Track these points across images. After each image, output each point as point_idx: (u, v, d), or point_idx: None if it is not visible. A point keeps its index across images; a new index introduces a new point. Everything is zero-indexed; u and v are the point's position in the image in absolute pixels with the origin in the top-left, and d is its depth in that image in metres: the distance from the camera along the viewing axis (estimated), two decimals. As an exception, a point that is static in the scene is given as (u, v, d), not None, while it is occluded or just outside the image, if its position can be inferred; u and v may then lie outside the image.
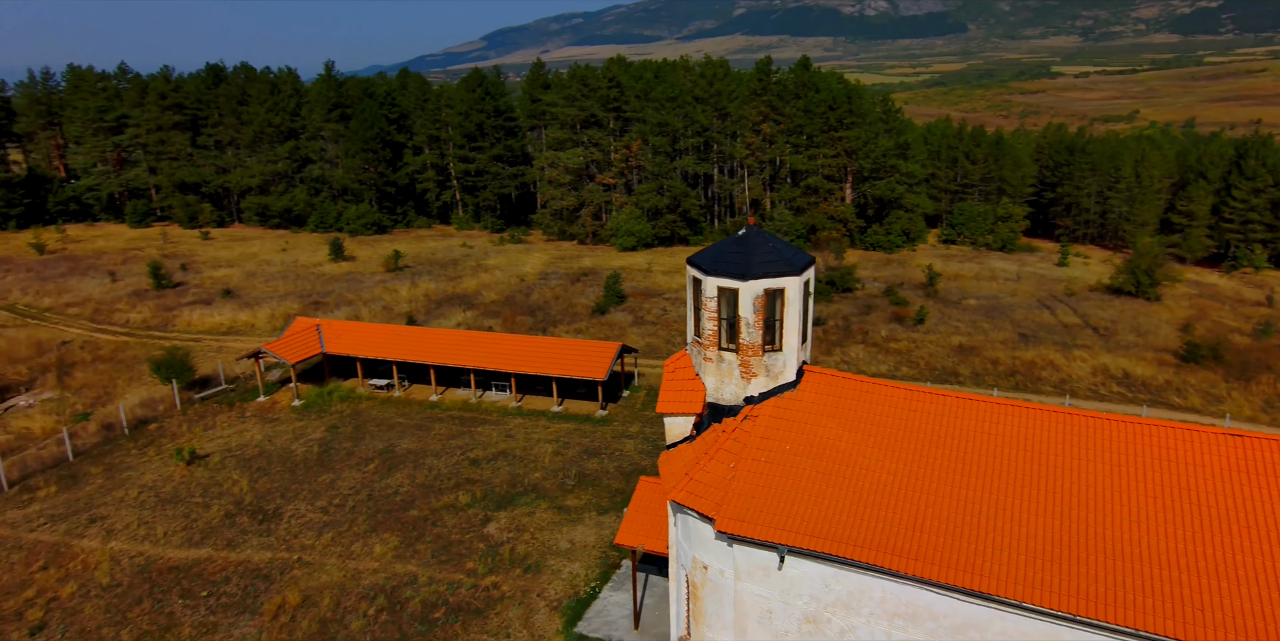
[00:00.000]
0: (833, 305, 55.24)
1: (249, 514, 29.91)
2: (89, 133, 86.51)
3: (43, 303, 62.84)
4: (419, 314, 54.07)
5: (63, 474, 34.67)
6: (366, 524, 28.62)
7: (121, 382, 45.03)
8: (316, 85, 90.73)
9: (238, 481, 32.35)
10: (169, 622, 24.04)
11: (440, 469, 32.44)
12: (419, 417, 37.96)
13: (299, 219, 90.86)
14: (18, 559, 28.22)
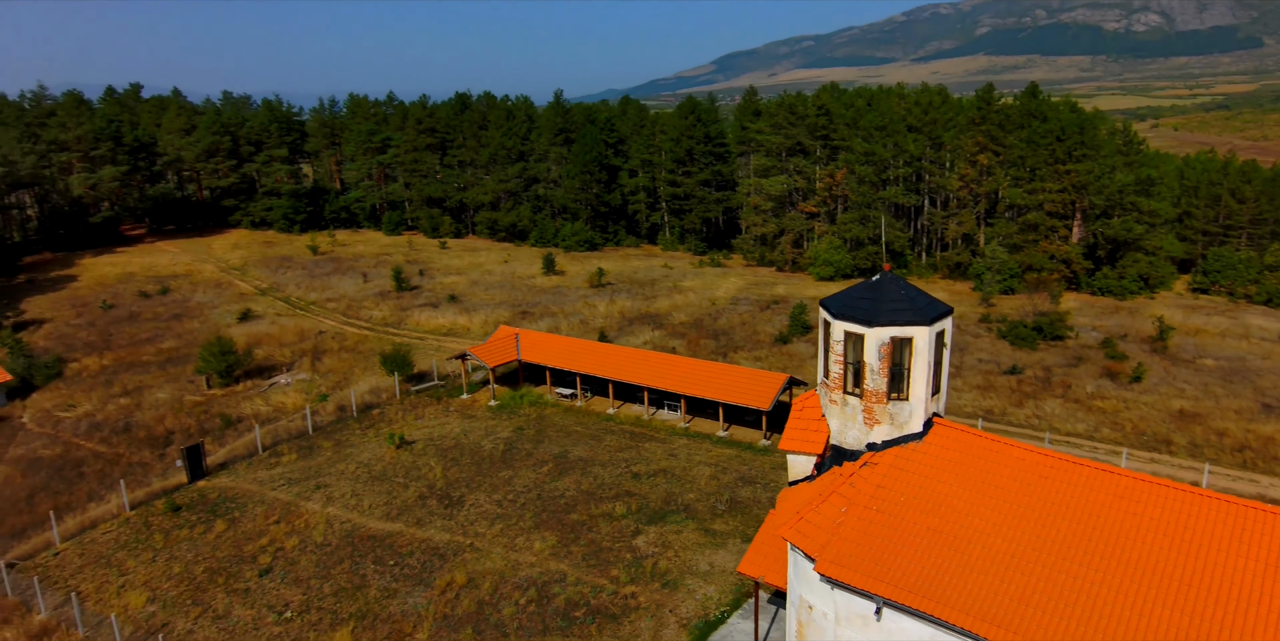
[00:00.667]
0: (1036, 354, 51.43)
1: (438, 498, 33.78)
2: (360, 152, 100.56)
3: (309, 297, 73.87)
4: (611, 330, 57.37)
5: (302, 444, 41.04)
6: (532, 521, 31.33)
7: (358, 371, 52.15)
8: (546, 111, 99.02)
9: (433, 468, 36.56)
10: (360, 583, 27.95)
11: (604, 478, 34.62)
12: (595, 428, 40.60)
13: (522, 233, 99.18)
14: (260, 512, 33.99)
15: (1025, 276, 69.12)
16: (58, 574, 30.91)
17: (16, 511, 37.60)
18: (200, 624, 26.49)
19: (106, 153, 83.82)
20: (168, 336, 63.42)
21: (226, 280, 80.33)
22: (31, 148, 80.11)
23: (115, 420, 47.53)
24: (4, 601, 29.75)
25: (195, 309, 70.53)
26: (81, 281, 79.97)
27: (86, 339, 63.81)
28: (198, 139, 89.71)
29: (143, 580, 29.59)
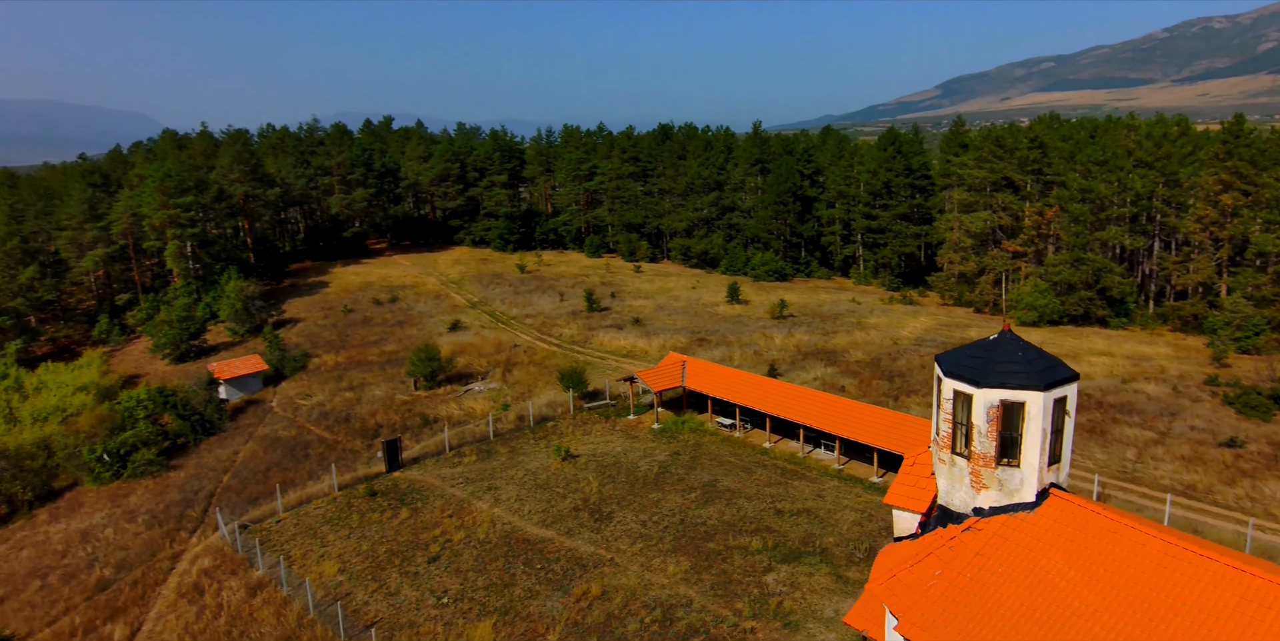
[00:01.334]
0: (1267, 426, 44.97)
1: (590, 511, 36.01)
2: (569, 178, 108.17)
3: (511, 312, 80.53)
4: (783, 363, 57.51)
5: (483, 448, 45.24)
6: (671, 544, 32.60)
7: (541, 384, 56.36)
8: (744, 142, 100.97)
9: (590, 483, 38.96)
10: (509, 580, 30.62)
11: (748, 511, 35.16)
12: (748, 460, 41.18)
13: (713, 261, 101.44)
14: (438, 505, 38.05)
15: (1272, 335, 60.40)
16: (276, 538, 36.57)
17: (256, 481, 44.81)
18: (374, 597, 30.34)
19: (359, 177, 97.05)
20: (390, 340, 71.93)
21: (444, 293, 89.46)
22: (303, 172, 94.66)
23: (339, 411, 54.92)
24: (235, 556, 35.75)
25: (416, 317, 79.30)
26: (331, 288, 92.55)
27: (328, 338, 73.93)
28: (432, 165, 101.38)
29: (337, 552, 34.29)
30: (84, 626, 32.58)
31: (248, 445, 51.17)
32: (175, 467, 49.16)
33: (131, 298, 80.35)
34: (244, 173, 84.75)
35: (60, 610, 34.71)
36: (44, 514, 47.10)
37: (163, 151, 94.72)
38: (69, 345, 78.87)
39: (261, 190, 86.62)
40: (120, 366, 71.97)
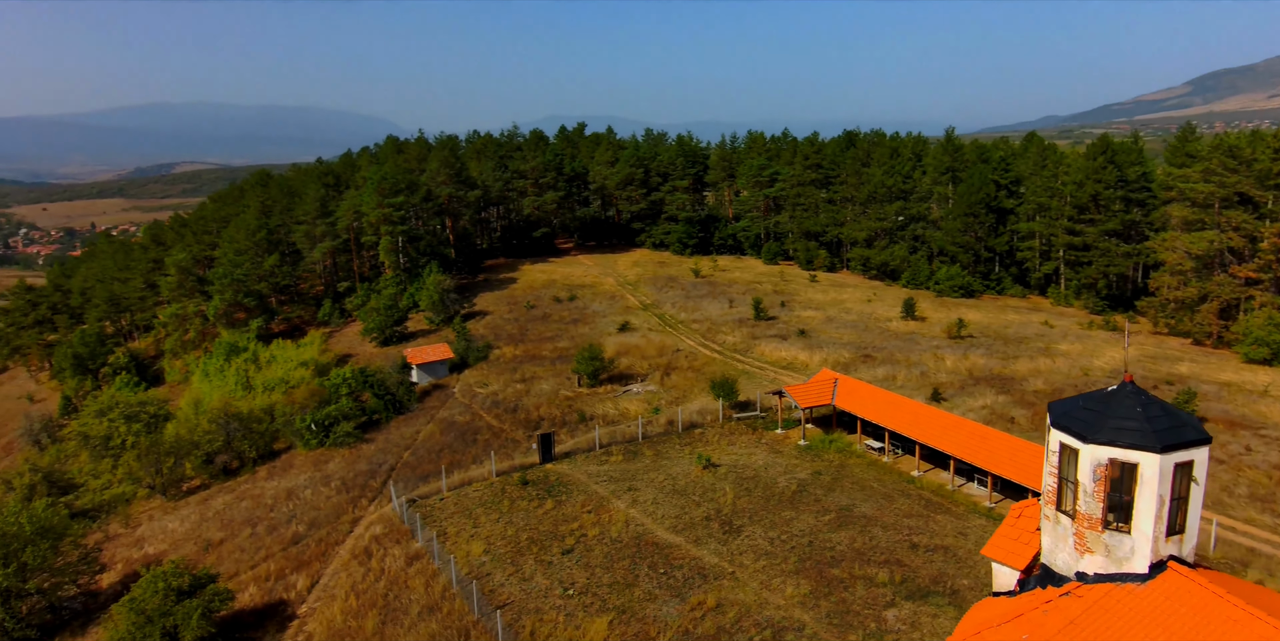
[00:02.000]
0: None
1: (720, 522, 36.51)
2: (750, 184, 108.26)
3: (680, 316, 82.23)
4: (949, 387, 54.56)
5: (630, 449, 46.99)
6: (794, 565, 32.38)
7: (695, 390, 57.39)
8: (935, 149, 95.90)
9: (726, 494, 39.41)
10: (631, 581, 31.88)
11: (880, 541, 34.08)
12: (891, 487, 39.75)
13: (893, 273, 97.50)
14: (580, 500, 40.16)
15: None
16: (437, 515, 40.32)
17: (429, 460, 49.47)
18: (509, 581, 32.76)
19: (551, 180, 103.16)
20: (564, 337, 76.02)
21: (620, 293, 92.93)
22: (500, 175, 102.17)
23: (509, 401, 59.09)
24: (401, 527, 39.86)
25: (590, 316, 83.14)
26: (518, 284, 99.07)
27: (509, 331, 79.41)
28: (618, 170, 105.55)
29: (485, 534, 37.26)
30: (276, 573, 37.81)
31: (428, 426, 56.39)
32: (368, 441, 55.22)
33: (350, 285, 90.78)
34: (449, 175, 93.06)
35: (261, 556, 40.47)
36: (264, 471, 54.82)
37: (384, 155, 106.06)
38: (300, 324, 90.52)
39: (463, 192, 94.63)
40: (336, 346, 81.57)
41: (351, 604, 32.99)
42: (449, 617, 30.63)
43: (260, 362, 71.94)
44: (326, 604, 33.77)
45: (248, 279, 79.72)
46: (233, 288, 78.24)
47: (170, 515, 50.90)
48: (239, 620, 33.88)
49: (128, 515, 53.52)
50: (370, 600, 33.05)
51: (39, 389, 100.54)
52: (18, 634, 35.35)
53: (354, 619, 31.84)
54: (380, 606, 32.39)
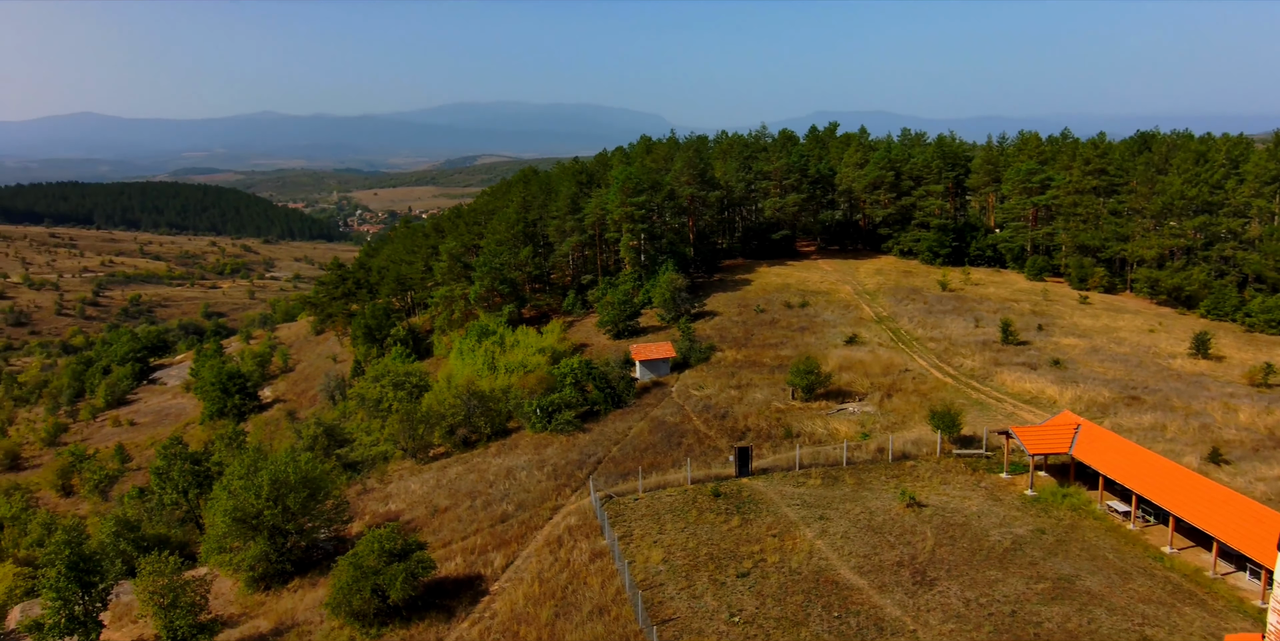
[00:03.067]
0: None
1: (912, 571, 33.58)
2: (1017, 190, 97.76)
3: (916, 332, 76.78)
4: (1235, 448, 45.41)
5: (830, 474, 44.81)
6: (987, 636, 28.84)
7: (914, 418, 53.28)
8: (1259, 154, 79.52)
9: (926, 539, 36.14)
10: (801, 619, 30.39)
11: (1104, 627, 29.25)
12: (1130, 562, 33.95)
13: (1188, 300, 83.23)
14: (767, 522, 39.01)
15: None
16: (628, 515, 41.38)
17: (633, 458, 50.96)
18: (679, 596, 32.73)
19: (794, 182, 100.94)
20: (788, 345, 74.32)
21: (855, 303, 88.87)
22: (744, 176, 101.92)
23: (720, 407, 59.04)
24: (593, 522, 41.47)
25: (819, 325, 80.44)
26: (752, 286, 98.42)
27: (735, 335, 79.24)
28: (867, 173, 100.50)
29: (668, 543, 37.57)
30: (480, 548, 41.17)
31: (640, 423, 58.07)
32: (585, 430, 58.12)
33: (593, 279, 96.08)
34: (693, 175, 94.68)
35: (473, 529, 44.29)
36: (495, 447, 59.91)
37: (636, 155, 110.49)
38: (548, 312, 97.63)
39: (705, 192, 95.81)
40: (574, 336, 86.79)
41: (534, 591, 34.98)
42: (614, 622, 31.33)
43: (505, 346, 78.57)
44: (514, 586, 36.12)
45: (504, 267, 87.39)
46: (491, 275, 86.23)
47: (415, 477, 57.30)
48: (441, 586, 37.37)
49: (384, 472, 61.20)
50: (550, 590, 34.79)
51: (342, 351, 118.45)
52: (277, 566, 41.97)
53: (533, 606, 33.72)
54: (558, 598, 33.98)
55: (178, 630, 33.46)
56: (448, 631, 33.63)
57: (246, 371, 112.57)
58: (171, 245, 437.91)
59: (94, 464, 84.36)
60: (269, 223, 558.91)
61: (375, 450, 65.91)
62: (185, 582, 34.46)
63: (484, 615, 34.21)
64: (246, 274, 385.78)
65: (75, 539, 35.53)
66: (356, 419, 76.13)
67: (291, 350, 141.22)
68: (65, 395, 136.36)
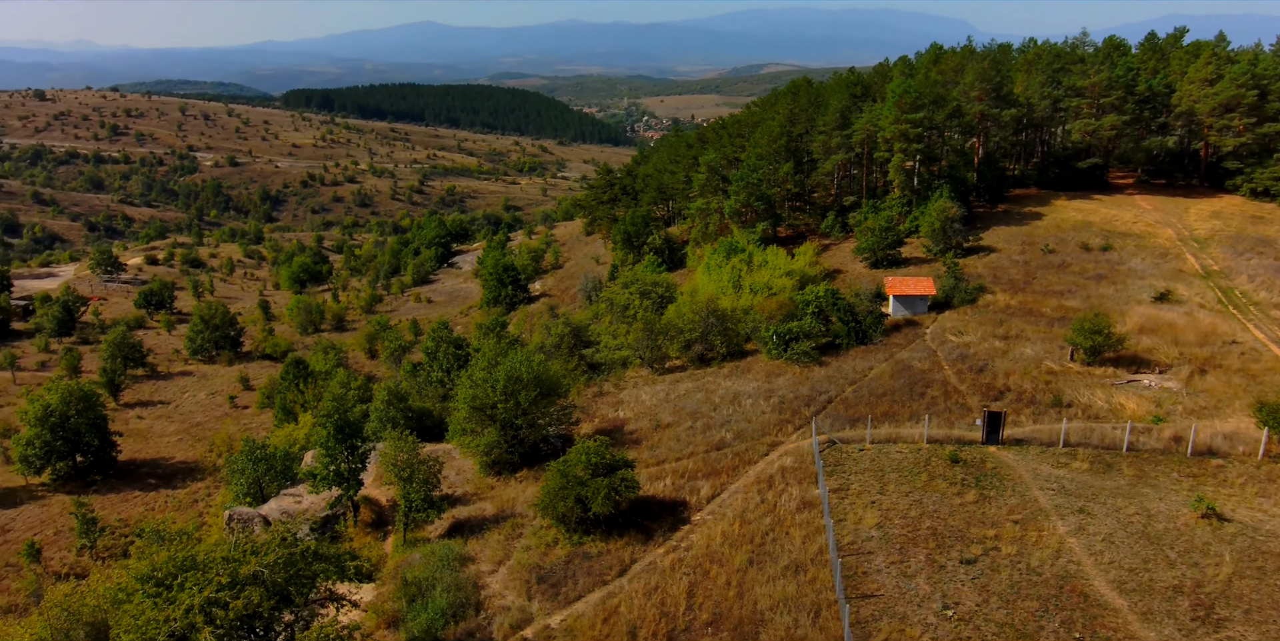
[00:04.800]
0: None
1: (1194, 603, 26.53)
2: None
3: (1257, 295, 61.19)
4: None
5: (1103, 459, 37.03)
6: (1293, 711, 21.81)
7: (1234, 404, 42.36)
8: None
9: (1222, 565, 28.39)
10: (1031, 631, 25.27)
11: None
12: None
13: None
14: (1011, 503, 33.10)
15: None
16: (848, 466, 37.54)
17: (867, 403, 46.25)
18: (887, 571, 28.83)
19: (1114, 101, 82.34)
20: (1077, 295, 62.98)
21: (1176, 251, 72.71)
22: (1049, 92, 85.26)
23: (979, 358, 51.51)
24: (809, 467, 38.16)
25: (1121, 275, 67.11)
26: (1043, 222, 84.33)
27: (1011, 276, 68.75)
28: (1218, 91, 78.92)
29: (887, 506, 33.38)
30: (690, 473, 39.84)
31: (882, 365, 52.68)
32: (821, 364, 54.02)
33: (856, 201, 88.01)
34: (985, 90, 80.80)
35: (687, 451, 43.05)
36: (728, 368, 57.99)
37: (921, 65, 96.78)
38: (804, 232, 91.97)
39: (998, 110, 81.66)
40: (828, 260, 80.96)
41: (734, 531, 32.96)
42: (808, 585, 28.44)
43: (753, 265, 75.15)
44: (715, 521, 34.38)
45: (762, 183, 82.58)
46: (747, 190, 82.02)
47: (647, 387, 57.44)
48: (646, 505, 36.71)
49: (621, 377, 62.22)
50: (750, 534, 32.55)
51: (605, 254, 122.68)
52: (507, 457, 44.12)
53: (729, 547, 31.78)
54: (755, 544, 31.68)
55: (412, 502, 36.23)
56: (643, 552, 32.96)
57: (521, 265, 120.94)
58: (482, 143, 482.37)
59: (393, 334, 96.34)
60: (565, 125, 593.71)
61: (617, 355, 67.08)
62: (422, 460, 36.97)
63: (679, 545, 32.99)
64: (541, 172, 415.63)
65: (342, 406, 39.55)
66: (605, 322, 78.20)
67: (564, 248, 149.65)
68: (384, 270, 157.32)
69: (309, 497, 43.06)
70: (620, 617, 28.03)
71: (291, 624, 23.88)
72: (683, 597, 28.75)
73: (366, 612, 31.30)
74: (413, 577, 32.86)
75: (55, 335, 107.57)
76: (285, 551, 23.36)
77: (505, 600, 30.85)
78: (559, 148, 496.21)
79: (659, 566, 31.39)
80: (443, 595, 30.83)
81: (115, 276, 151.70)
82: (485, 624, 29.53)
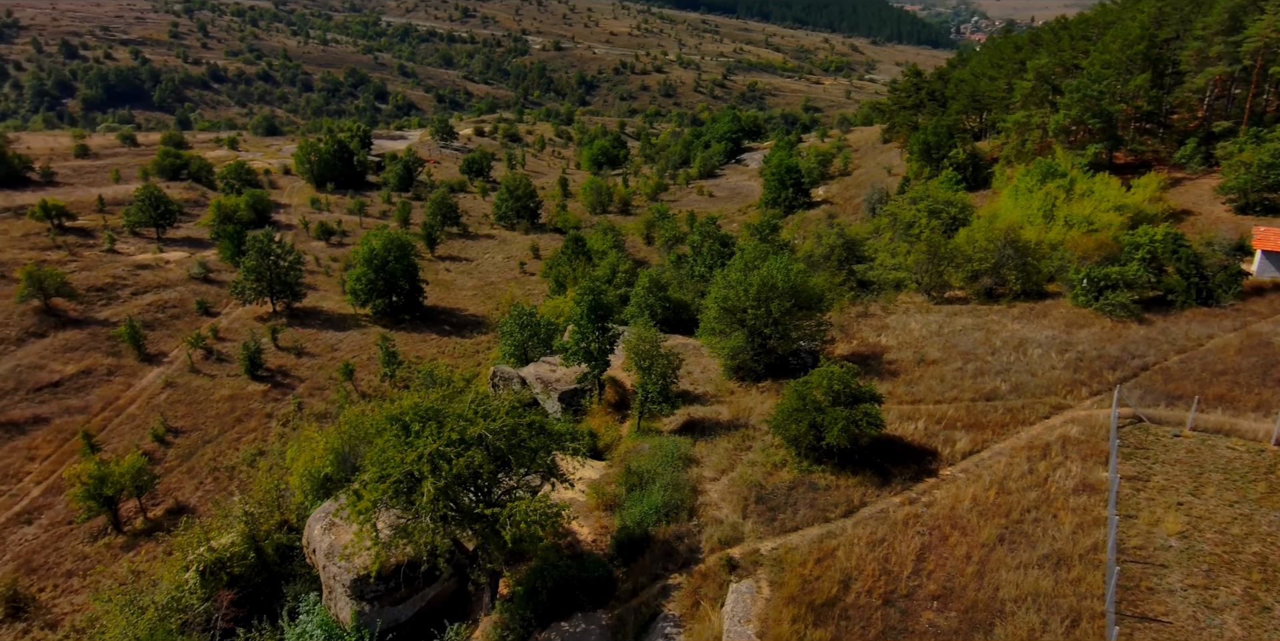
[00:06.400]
0: None
1: None
2: None
3: None
4: None
5: None
6: None
7: None
8: None
9: None
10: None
11: None
12: None
13: None
14: None
15: None
16: (1153, 453, 30.24)
17: (1195, 379, 36.81)
18: (1184, 595, 22.60)
19: None
20: None
21: None
22: None
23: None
24: (1100, 444, 31.17)
25: None
26: None
27: None
28: None
29: (1198, 513, 26.25)
30: (947, 420, 34.59)
31: (1229, 336, 41.67)
32: (1143, 322, 44.27)
33: (1232, 127, 68.58)
34: None
35: (949, 396, 37.44)
36: (1018, 310, 49.75)
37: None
38: (1147, 161, 74.72)
39: None
40: (1175, 198, 65.31)
41: (987, 498, 28.04)
42: (1068, 585, 23.23)
43: (1074, 193, 62.45)
44: (966, 482, 29.56)
45: (1103, 97, 66.91)
46: (1082, 104, 67.03)
47: (918, 316, 51.40)
48: (889, 445, 32.63)
49: (892, 300, 56.34)
50: (1006, 507, 27.44)
51: (899, 165, 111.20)
52: (752, 364, 41.82)
53: (977, 516, 27.10)
54: (1010, 520, 26.64)
55: (648, 393, 35.56)
56: (875, 497, 29.37)
57: (806, 168, 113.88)
58: (790, 39, 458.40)
59: (669, 223, 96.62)
60: (880, 23, 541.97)
61: (891, 276, 60.71)
62: (663, 354, 35.86)
63: (919, 498, 28.84)
64: (848, 73, 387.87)
65: (598, 287, 39.36)
66: (885, 238, 71.03)
67: (855, 155, 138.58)
68: (673, 161, 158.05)
69: (561, 369, 44.58)
70: (835, 562, 25.20)
71: (511, 489, 24.29)
72: (910, 559, 25.06)
73: (587, 492, 31.67)
74: (637, 467, 32.55)
75: (396, 189, 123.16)
76: (511, 421, 23.43)
77: (720, 512, 29.35)
78: (870, 48, 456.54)
79: (890, 517, 27.72)
80: (660, 492, 30.09)
81: (449, 143, 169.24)
82: (695, 531, 28.36)
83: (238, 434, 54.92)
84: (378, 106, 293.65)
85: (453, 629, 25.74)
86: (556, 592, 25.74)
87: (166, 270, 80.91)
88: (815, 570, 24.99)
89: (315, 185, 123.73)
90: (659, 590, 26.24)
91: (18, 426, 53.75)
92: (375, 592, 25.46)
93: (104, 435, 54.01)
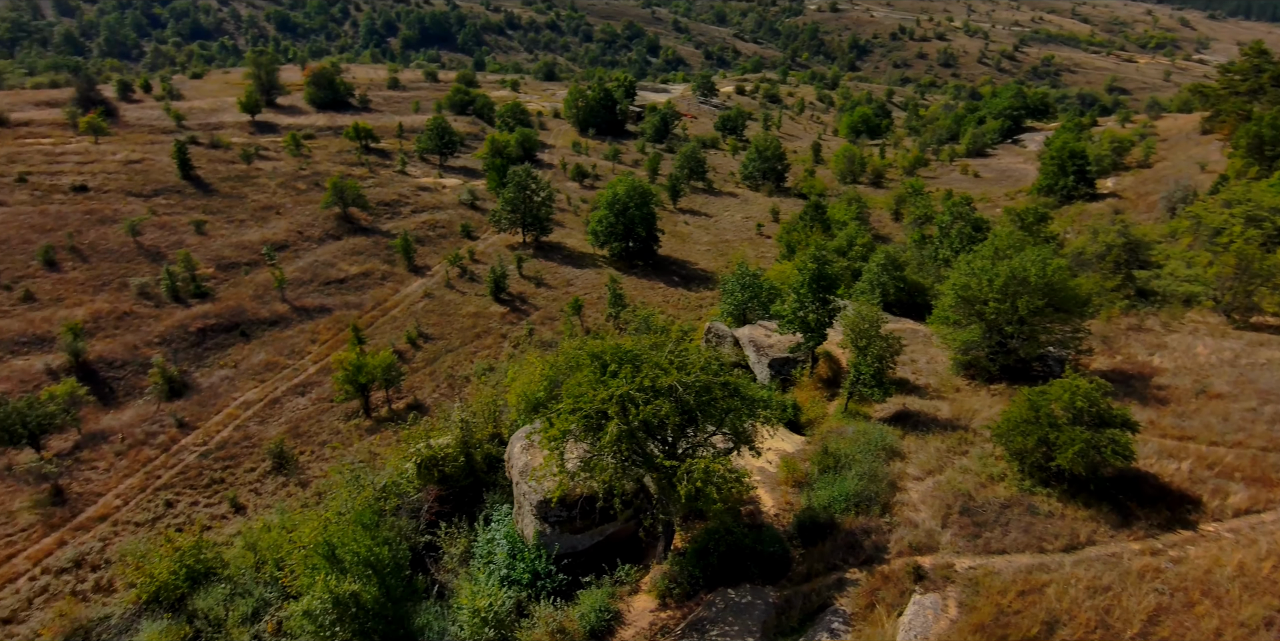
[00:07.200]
0: None
1: None
2: None
3: None
4: None
5: None
6: None
7: None
8: None
9: None
10: None
11: None
12: None
13: None
14: None
15: None
16: None
17: None
18: None
19: None
20: None
21: None
22: None
23: None
24: None
25: None
26: None
27: None
28: None
29: None
30: (1223, 469, 28.78)
31: None
32: None
33: None
34: None
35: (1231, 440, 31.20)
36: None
37: None
38: None
39: None
40: None
41: (1257, 570, 22.89)
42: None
43: None
44: (1233, 545, 24.35)
45: None
46: None
47: (1209, 339, 43.19)
48: (1135, 482, 27.69)
49: (1176, 317, 47.80)
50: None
51: (1216, 160, 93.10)
52: (986, 363, 37.45)
53: (1240, 587, 22.22)
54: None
55: (860, 374, 33.14)
56: (1107, 537, 25.11)
57: (1094, 155, 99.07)
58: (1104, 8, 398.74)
59: (922, 201, 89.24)
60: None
61: (1181, 288, 51.38)
62: (882, 336, 33.07)
63: (1164, 550, 24.16)
64: (1170, 52, 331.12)
65: (822, 257, 37.05)
66: (1182, 244, 60.09)
67: (1162, 145, 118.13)
68: (939, 135, 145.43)
69: (776, 335, 43.08)
70: (1043, 600, 21.92)
71: (696, 446, 23.74)
72: (1139, 618, 21.11)
73: (779, 464, 30.40)
74: (835, 449, 30.64)
75: (651, 140, 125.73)
76: (705, 377, 22.67)
77: (917, 515, 26.75)
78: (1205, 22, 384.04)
79: (1123, 565, 23.53)
80: (855, 480, 28.06)
81: (708, 99, 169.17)
82: (885, 528, 26.13)
83: (475, 348, 60.18)
84: (649, 59, 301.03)
85: (624, 569, 26.14)
86: (728, 557, 25.10)
87: (442, 194, 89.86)
88: (1016, 603, 21.93)
89: (579, 129, 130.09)
90: (834, 581, 24.62)
91: (308, 312, 63.12)
92: (557, 517, 26.46)
93: (370, 330, 61.79)
